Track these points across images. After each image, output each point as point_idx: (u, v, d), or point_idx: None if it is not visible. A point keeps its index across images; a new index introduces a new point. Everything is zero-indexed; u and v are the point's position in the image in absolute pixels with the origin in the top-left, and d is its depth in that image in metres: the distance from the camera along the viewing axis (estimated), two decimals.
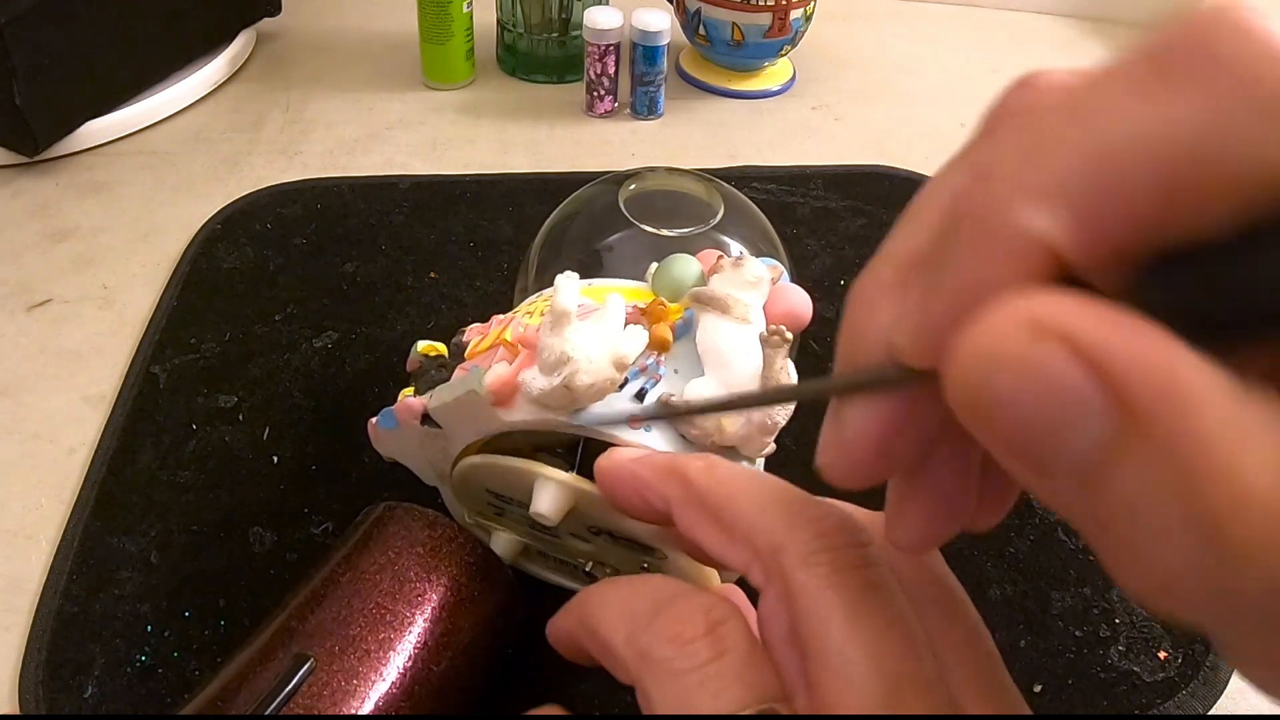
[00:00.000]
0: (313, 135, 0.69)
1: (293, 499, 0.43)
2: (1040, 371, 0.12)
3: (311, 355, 0.50)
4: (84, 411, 0.48)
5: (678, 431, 0.31)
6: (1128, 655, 0.39)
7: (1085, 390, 0.12)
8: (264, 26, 0.79)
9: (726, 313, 0.32)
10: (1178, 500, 0.12)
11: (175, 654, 0.38)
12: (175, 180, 0.64)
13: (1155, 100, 0.12)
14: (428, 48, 0.73)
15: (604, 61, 0.70)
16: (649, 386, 0.32)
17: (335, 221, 0.59)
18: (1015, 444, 0.13)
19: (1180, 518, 0.12)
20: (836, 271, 0.58)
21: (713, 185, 0.46)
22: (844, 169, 0.67)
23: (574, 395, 0.30)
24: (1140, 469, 0.12)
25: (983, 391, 0.13)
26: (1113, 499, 0.12)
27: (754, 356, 0.31)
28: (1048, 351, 0.12)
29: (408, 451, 0.38)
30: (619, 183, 0.45)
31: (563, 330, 0.30)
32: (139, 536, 0.41)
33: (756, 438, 0.32)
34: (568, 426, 0.31)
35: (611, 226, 0.43)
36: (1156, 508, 0.12)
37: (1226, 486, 0.11)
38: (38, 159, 0.63)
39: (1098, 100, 0.13)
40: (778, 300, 0.34)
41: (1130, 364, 0.12)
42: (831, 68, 0.81)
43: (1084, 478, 0.12)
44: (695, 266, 0.35)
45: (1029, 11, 0.92)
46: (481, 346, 0.35)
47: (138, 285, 0.55)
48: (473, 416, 0.33)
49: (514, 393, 0.31)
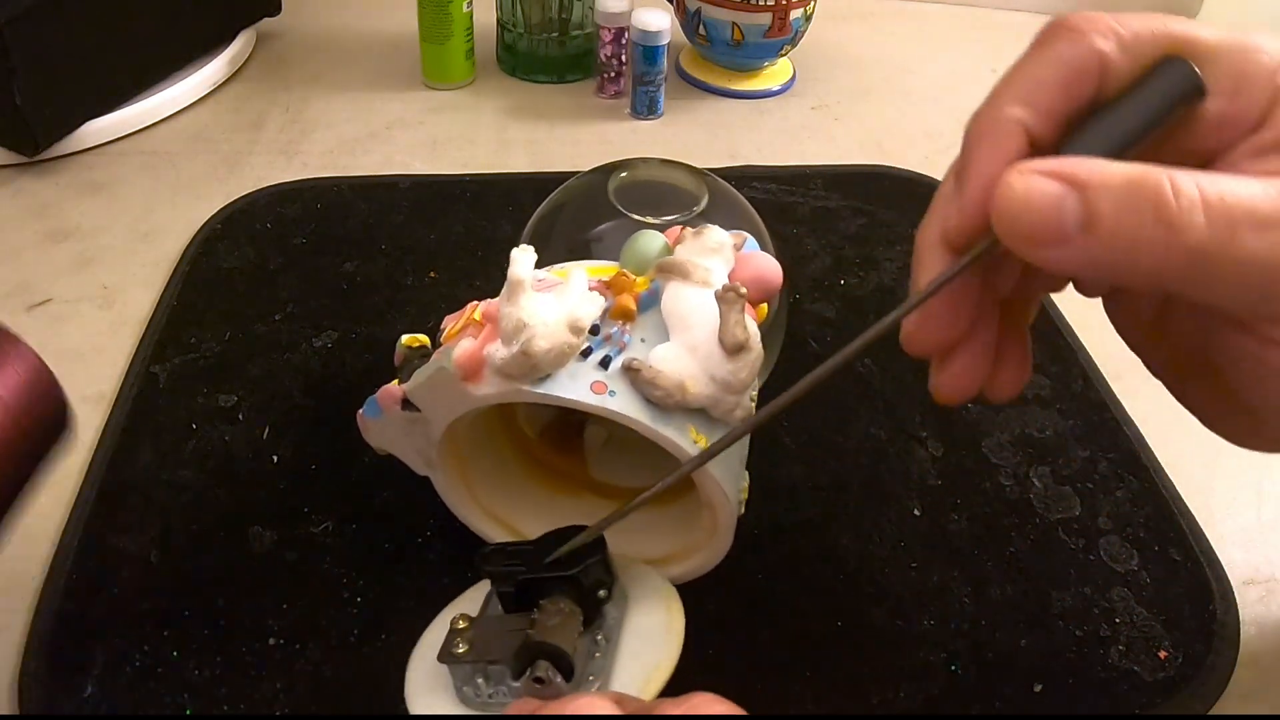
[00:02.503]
0: (313, 135, 0.69)
1: (293, 499, 0.43)
2: (1042, 188, 0.24)
3: (311, 355, 0.50)
4: (84, 411, 0.48)
5: (642, 394, 0.32)
6: (1128, 655, 0.39)
7: (1064, 192, 0.24)
8: (264, 26, 0.79)
9: (688, 278, 0.33)
10: (1136, 215, 0.24)
11: (175, 654, 0.38)
12: (175, 180, 0.64)
13: (1060, 47, 0.27)
14: (427, 47, 0.73)
15: (615, 45, 0.71)
16: (614, 354, 0.32)
17: (335, 221, 0.59)
18: (1038, 237, 0.25)
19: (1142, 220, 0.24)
20: (836, 271, 0.58)
21: (700, 176, 0.46)
22: (843, 169, 0.67)
23: (534, 361, 0.30)
24: (1113, 212, 0.24)
25: (1019, 211, 0.25)
26: (1098, 240, 0.24)
27: (715, 316, 0.32)
28: (1042, 181, 0.25)
29: (395, 440, 0.38)
30: (608, 173, 0.45)
31: (518, 299, 0.31)
32: (138, 536, 0.41)
33: (723, 397, 0.32)
34: (533, 396, 0.31)
35: (599, 215, 0.43)
36: (1127, 228, 0.24)
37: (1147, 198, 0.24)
38: (37, 159, 0.63)
39: (1035, 53, 0.28)
40: (745, 266, 0.35)
41: (1075, 173, 0.24)
42: (831, 68, 0.81)
43: (1083, 236, 0.24)
44: (660, 240, 0.36)
45: (1029, 11, 0.92)
46: (454, 329, 0.35)
47: (138, 285, 0.55)
48: (446, 394, 0.33)
49: (481, 366, 0.32)
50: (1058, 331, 0.54)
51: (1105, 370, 0.52)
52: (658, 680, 0.31)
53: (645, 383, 0.31)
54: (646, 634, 0.33)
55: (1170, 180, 0.24)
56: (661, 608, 0.34)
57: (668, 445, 0.32)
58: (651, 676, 0.31)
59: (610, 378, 0.32)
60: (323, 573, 0.40)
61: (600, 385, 0.31)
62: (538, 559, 0.33)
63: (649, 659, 0.32)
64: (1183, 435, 0.50)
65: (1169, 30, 0.27)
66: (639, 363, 0.31)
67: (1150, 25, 0.27)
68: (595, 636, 0.33)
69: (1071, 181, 0.25)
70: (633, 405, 0.31)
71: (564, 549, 0.33)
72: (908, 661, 0.39)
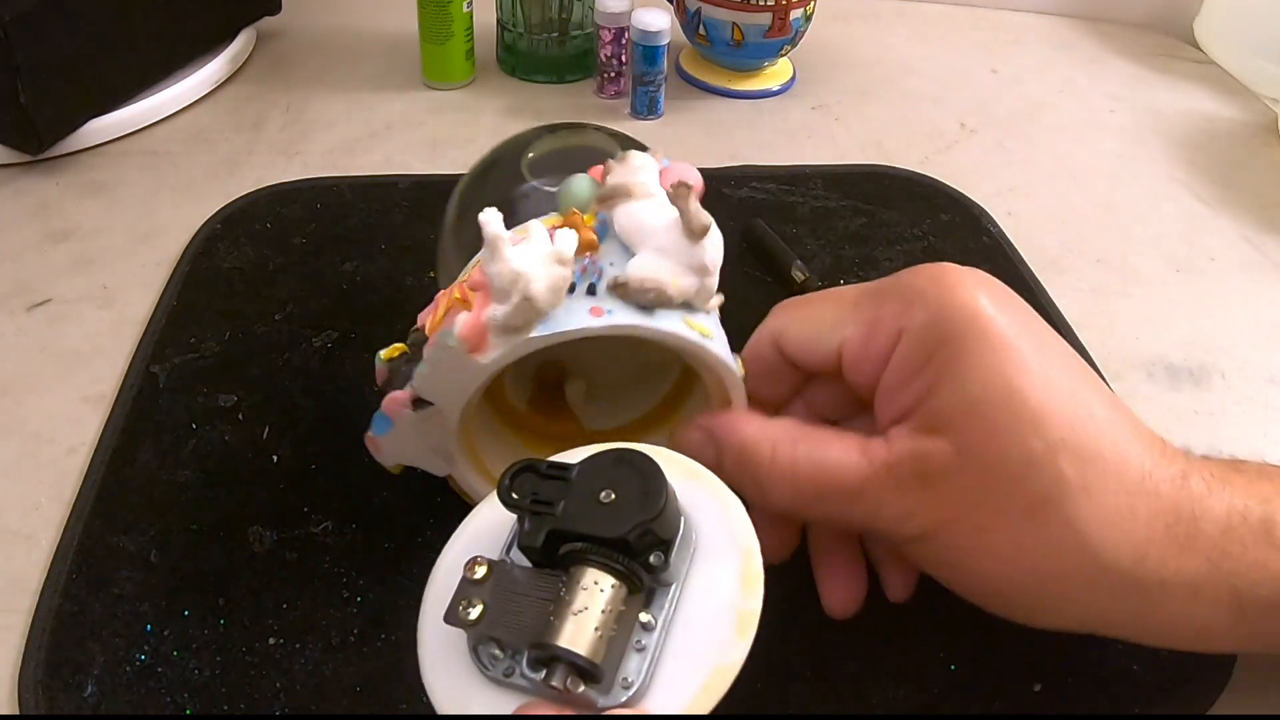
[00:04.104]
0: (313, 135, 0.69)
1: (293, 499, 0.43)
2: (690, 435, 0.36)
3: (311, 355, 0.50)
4: (83, 411, 0.48)
5: (636, 305, 0.33)
6: (1128, 655, 0.39)
7: (705, 441, 0.35)
8: (264, 26, 0.79)
9: (632, 195, 0.35)
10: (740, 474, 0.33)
11: (175, 653, 0.38)
12: (175, 180, 0.64)
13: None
14: (427, 48, 0.73)
15: (615, 45, 0.72)
16: (596, 280, 0.34)
17: (335, 221, 0.59)
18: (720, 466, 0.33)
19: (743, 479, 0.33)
20: (836, 271, 0.58)
21: (612, 135, 0.47)
22: (844, 169, 0.67)
23: (536, 305, 0.32)
24: (731, 466, 0.34)
25: (683, 450, 0.32)
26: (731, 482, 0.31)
27: (669, 218, 0.34)
28: (692, 430, 0.36)
29: (409, 447, 0.38)
30: (522, 146, 0.46)
31: (503, 253, 0.32)
32: (138, 536, 0.41)
33: (702, 282, 0.34)
34: (541, 341, 0.32)
35: (517, 185, 0.44)
36: (737, 482, 0.31)
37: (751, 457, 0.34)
38: (37, 159, 0.63)
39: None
40: (670, 175, 0.37)
41: (714, 428, 0.35)
42: (831, 68, 0.81)
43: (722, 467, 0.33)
44: (589, 179, 0.38)
45: (1029, 11, 0.92)
46: (438, 317, 0.36)
47: (138, 285, 0.55)
48: (456, 373, 0.34)
49: (484, 334, 0.33)
50: (1058, 331, 0.54)
51: (1105, 370, 0.52)
52: (714, 692, 0.25)
53: (636, 292, 0.33)
54: (706, 619, 0.27)
55: (773, 447, 0.33)
56: (733, 575, 0.27)
57: (672, 340, 0.34)
58: (707, 685, 0.25)
59: (601, 300, 0.33)
60: (323, 573, 0.40)
61: (596, 309, 0.33)
62: (578, 504, 0.27)
63: (705, 658, 0.26)
64: (1183, 435, 0.50)
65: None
66: (624, 276, 0.34)
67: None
68: (639, 616, 0.27)
69: (710, 434, 0.35)
70: (631, 316, 0.33)
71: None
72: (908, 661, 0.39)
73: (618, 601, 0.26)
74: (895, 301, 0.33)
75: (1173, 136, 0.75)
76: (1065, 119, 0.77)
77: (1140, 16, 0.92)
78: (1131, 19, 0.92)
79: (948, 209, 0.64)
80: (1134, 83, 0.83)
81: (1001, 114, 0.77)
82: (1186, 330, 0.57)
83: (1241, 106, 0.80)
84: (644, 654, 0.26)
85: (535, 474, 0.29)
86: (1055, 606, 0.32)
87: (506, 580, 0.28)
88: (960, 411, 0.31)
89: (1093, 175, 0.70)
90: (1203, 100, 0.80)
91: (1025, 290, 0.56)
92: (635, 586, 0.27)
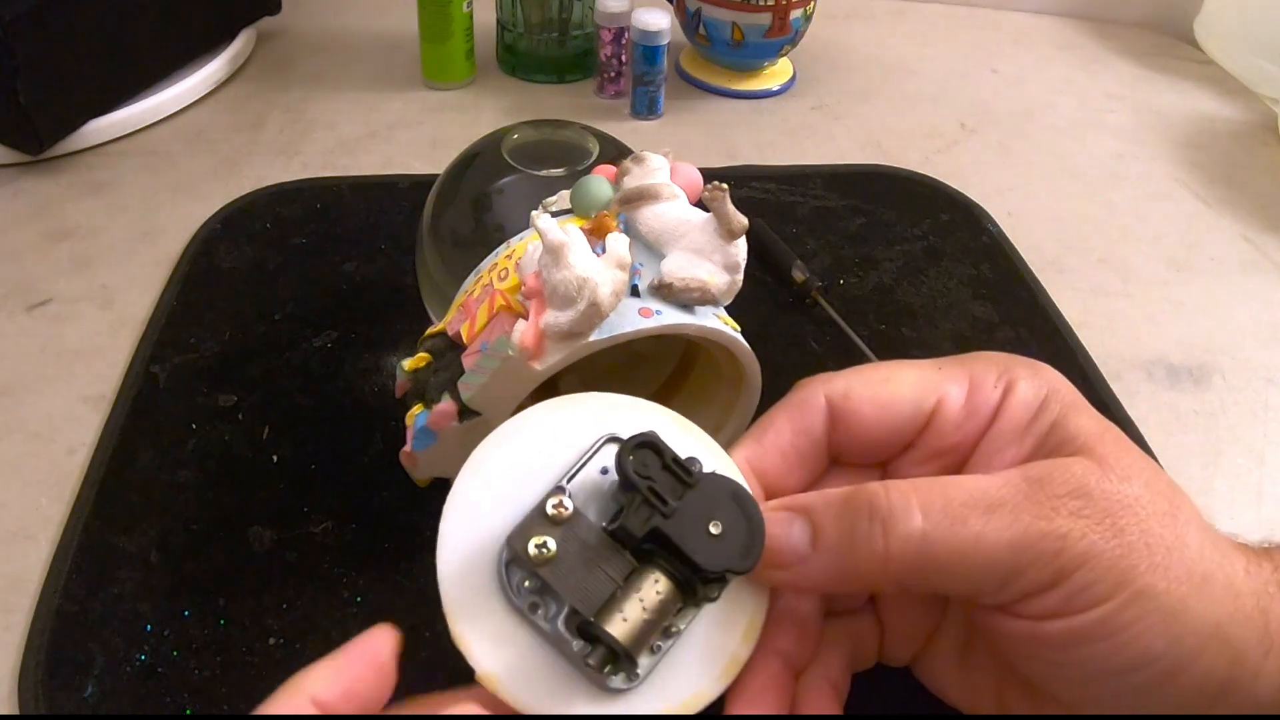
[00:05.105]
0: (313, 135, 0.69)
1: (293, 499, 0.43)
2: (773, 516, 0.29)
3: (311, 355, 0.50)
4: (83, 411, 0.48)
5: (680, 304, 0.35)
6: None
7: (791, 517, 0.29)
8: (264, 26, 0.79)
9: (658, 198, 0.36)
10: (852, 518, 0.28)
11: (175, 654, 0.38)
12: (175, 180, 0.64)
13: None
14: (428, 47, 0.73)
15: (615, 45, 0.72)
16: (636, 281, 0.35)
17: (335, 221, 0.59)
18: (776, 560, 0.28)
19: (858, 521, 0.28)
20: (836, 271, 0.58)
21: (586, 130, 0.47)
22: (843, 168, 0.67)
23: (600, 310, 0.32)
24: (834, 521, 0.29)
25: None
26: (826, 548, 0.29)
27: (698, 219, 0.35)
28: (772, 513, 0.29)
29: (449, 459, 0.37)
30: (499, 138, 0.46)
31: (567, 259, 0.32)
32: (138, 536, 0.41)
33: (733, 279, 0.36)
34: (596, 345, 0.33)
35: (498, 174, 0.44)
36: (846, 532, 0.28)
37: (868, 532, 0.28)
38: (37, 159, 0.63)
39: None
40: (679, 176, 0.38)
41: (799, 501, 0.30)
42: (831, 68, 0.81)
43: (814, 552, 0.29)
44: (605, 181, 0.38)
45: (1029, 11, 0.92)
46: (479, 326, 0.36)
47: (138, 285, 0.55)
48: (512, 382, 0.34)
49: (543, 340, 0.33)
50: (1058, 332, 0.54)
51: (1105, 370, 0.52)
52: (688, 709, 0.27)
53: (680, 292, 0.34)
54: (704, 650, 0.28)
55: (884, 485, 0.28)
56: (743, 621, 0.29)
57: (713, 334, 0.35)
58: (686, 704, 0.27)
59: (646, 301, 0.34)
60: (323, 573, 0.40)
61: (645, 310, 0.34)
62: (689, 522, 0.27)
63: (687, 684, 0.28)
64: (1183, 435, 0.50)
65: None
66: (668, 276, 0.35)
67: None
68: (668, 622, 0.27)
69: (796, 508, 0.29)
70: (678, 315, 0.34)
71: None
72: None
73: (669, 606, 0.27)
74: (986, 363, 0.32)
75: (1173, 136, 0.75)
76: (1065, 119, 0.77)
77: (1140, 16, 0.92)
78: (1131, 19, 0.92)
79: (947, 209, 0.64)
80: (1134, 83, 0.83)
81: (1001, 114, 0.77)
82: (1186, 330, 0.57)
83: (1241, 106, 0.80)
84: (654, 656, 0.27)
85: (657, 455, 0.28)
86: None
87: (581, 534, 0.27)
88: (1094, 436, 0.29)
89: (1092, 175, 0.70)
90: (1203, 100, 0.80)
91: (1025, 290, 0.56)
92: (688, 605, 0.28)
